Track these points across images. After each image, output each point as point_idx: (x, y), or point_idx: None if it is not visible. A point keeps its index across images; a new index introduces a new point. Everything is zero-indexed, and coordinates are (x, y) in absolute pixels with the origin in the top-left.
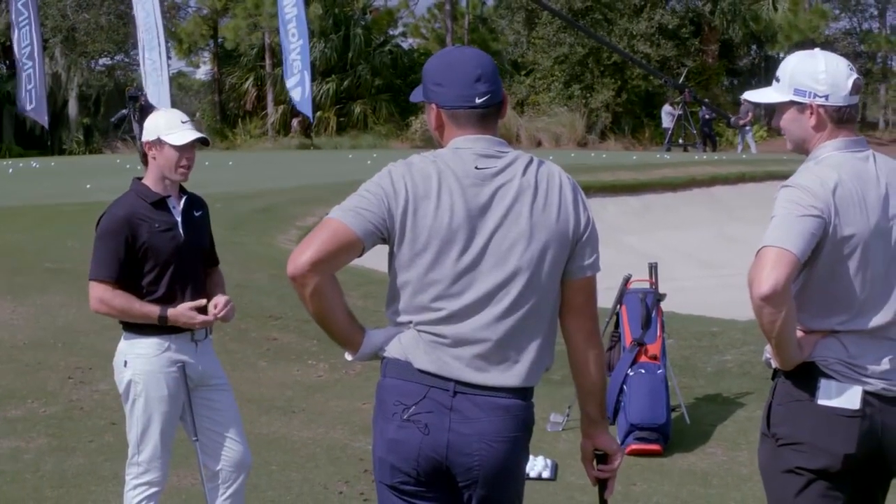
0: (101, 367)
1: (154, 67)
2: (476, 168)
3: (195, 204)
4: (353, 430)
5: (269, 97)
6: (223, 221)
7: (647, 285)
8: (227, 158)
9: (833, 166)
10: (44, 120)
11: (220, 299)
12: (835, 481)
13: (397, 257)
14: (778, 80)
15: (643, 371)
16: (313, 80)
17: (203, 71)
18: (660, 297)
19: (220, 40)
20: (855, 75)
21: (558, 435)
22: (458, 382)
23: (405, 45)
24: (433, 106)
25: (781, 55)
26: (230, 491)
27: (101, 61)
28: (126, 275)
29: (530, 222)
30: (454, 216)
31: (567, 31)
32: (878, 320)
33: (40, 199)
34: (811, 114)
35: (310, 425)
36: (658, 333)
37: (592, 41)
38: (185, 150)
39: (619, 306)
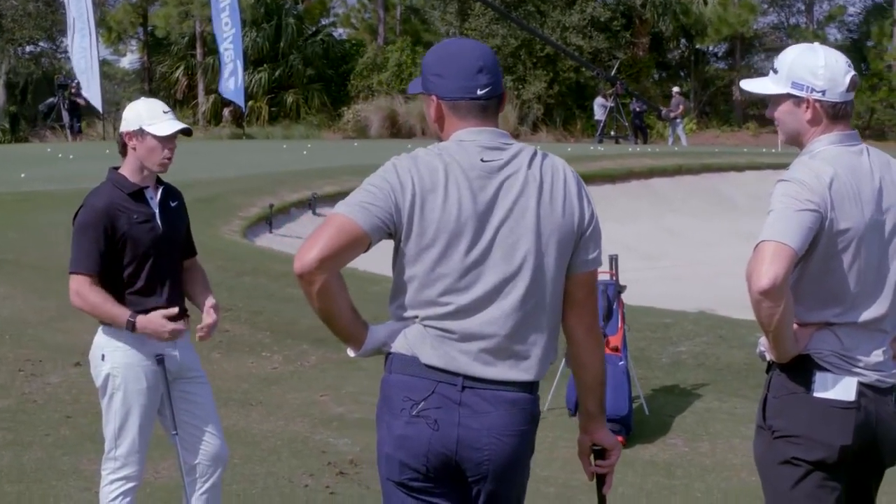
0: (51, 360)
1: (84, 55)
2: (482, 161)
3: (171, 194)
4: (314, 423)
5: (201, 86)
6: None
7: (607, 277)
8: None
9: (828, 160)
10: None
11: (206, 321)
12: (831, 472)
13: (404, 252)
14: (776, 72)
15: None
16: (245, 69)
17: (129, 59)
18: (620, 289)
19: (150, 28)
20: (853, 72)
21: None
22: (466, 377)
23: (337, 35)
24: (433, 98)
25: (710, 48)
26: (207, 485)
27: (28, 48)
28: (105, 268)
29: (537, 216)
30: (462, 210)
31: (500, 22)
32: (871, 313)
33: None
34: (807, 108)
35: (269, 418)
36: (619, 325)
37: (525, 33)
38: (168, 140)
39: None
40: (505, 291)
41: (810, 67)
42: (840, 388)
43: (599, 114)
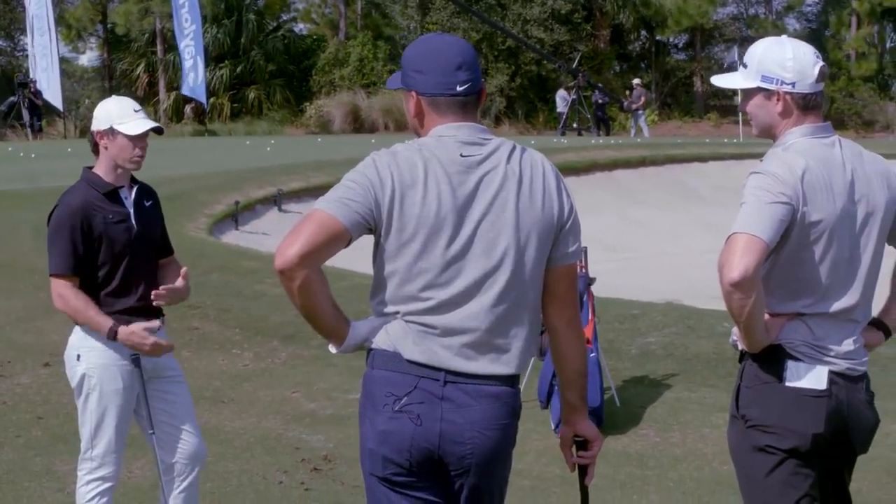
0: (20, 360)
1: (44, 53)
2: (461, 156)
3: (146, 194)
4: (286, 419)
5: (162, 83)
6: None
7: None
8: None
9: (800, 152)
10: None
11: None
12: (804, 460)
13: (384, 248)
14: (745, 66)
15: None
16: (206, 65)
17: (89, 57)
18: (590, 281)
19: (109, 25)
20: (821, 63)
21: None
22: (448, 372)
23: (298, 31)
24: (413, 93)
25: (671, 40)
26: (185, 483)
27: None
28: (84, 267)
29: (516, 210)
30: (441, 205)
31: (461, 16)
32: (842, 303)
33: None
34: (778, 100)
35: (241, 415)
36: (590, 317)
37: (486, 26)
38: (139, 139)
39: None
40: (486, 286)
41: (779, 60)
42: (811, 377)
43: (561, 106)
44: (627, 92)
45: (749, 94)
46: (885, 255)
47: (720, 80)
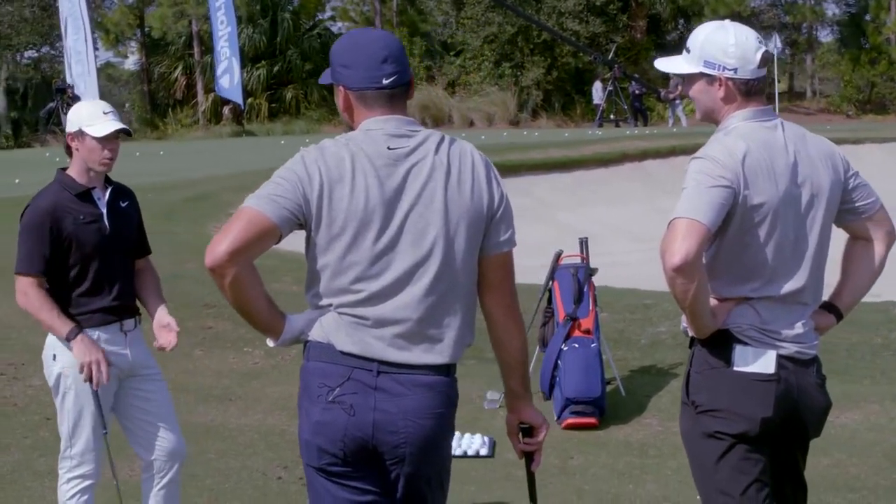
0: (34, 363)
1: (80, 59)
2: (388, 148)
3: (121, 194)
4: (291, 415)
5: (199, 85)
6: (155, 211)
7: (578, 260)
8: (158, 148)
9: (742, 136)
10: None
11: (172, 334)
12: (754, 444)
13: (315, 242)
14: (688, 51)
15: (577, 345)
16: (243, 66)
17: (132, 61)
18: (591, 272)
19: (146, 29)
20: (763, 48)
21: (496, 412)
22: (381, 362)
23: (335, 29)
24: (341, 88)
25: None
26: (164, 480)
27: (27, 54)
28: (51, 268)
29: (445, 200)
30: (369, 198)
31: (495, 10)
32: (789, 286)
33: None
34: (720, 86)
35: (247, 412)
36: (591, 308)
37: (521, 20)
38: (108, 141)
39: (551, 282)
40: (416, 276)
41: (721, 46)
42: (759, 362)
43: (598, 98)
44: (665, 82)
45: (692, 78)
46: (836, 238)
47: (663, 64)
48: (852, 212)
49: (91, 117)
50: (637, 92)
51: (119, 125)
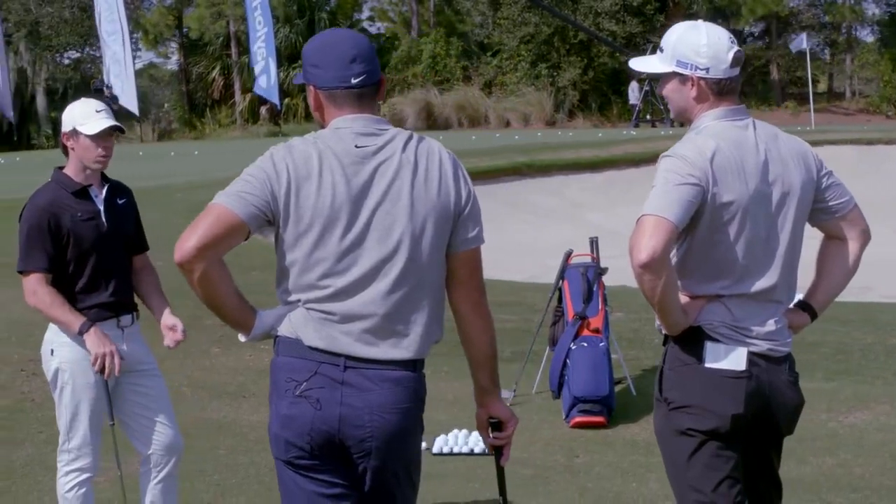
0: None
1: (117, 59)
2: (356, 147)
3: (118, 192)
4: None
5: (237, 85)
6: (182, 210)
7: (588, 260)
8: (193, 148)
9: (712, 135)
10: (9, 115)
11: (178, 333)
12: (726, 442)
13: (283, 238)
14: (662, 51)
15: (585, 344)
16: (280, 66)
17: (174, 61)
18: (601, 271)
19: (185, 30)
20: (736, 48)
21: None
22: (348, 357)
23: (373, 30)
24: (312, 87)
25: (746, 29)
26: (162, 474)
27: (67, 55)
28: (52, 264)
29: (411, 198)
30: (336, 195)
31: (532, 10)
32: (761, 284)
33: None
34: (692, 85)
35: (259, 409)
36: (600, 307)
37: (558, 20)
38: (101, 139)
39: (561, 281)
40: (382, 272)
41: (693, 46)
42: (731, 359)
43: (634, 98)
44: None
45: (665, 78)
46: (812, 236)
47: (637, 64)
48: (825, 211)
49: (84, 116)
50: None
51: (111, 122)
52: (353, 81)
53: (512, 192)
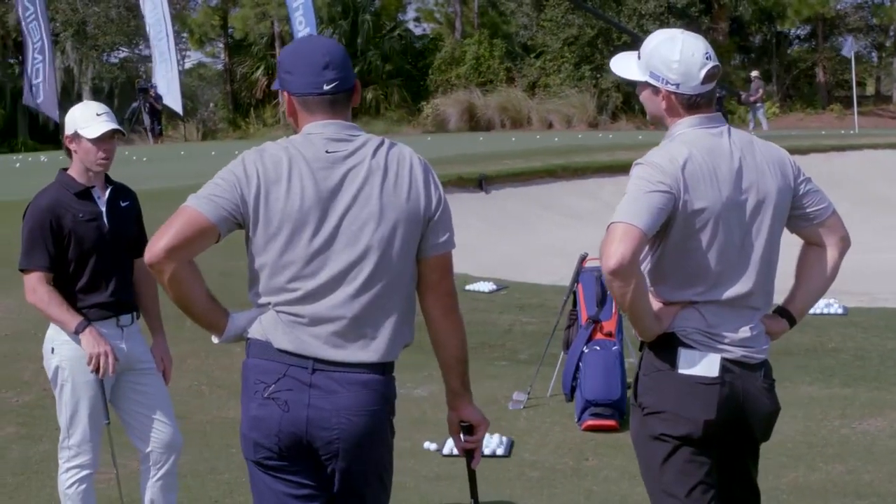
0: None
1: (163, 59)
2: (326, 152)
3: (121, 194)
4: None
5: None
6: None
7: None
8: (234, 148)
9: (686, 143)
10: (55, 114)
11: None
12: (699, 447)
13: (253, 241)
14: (639, 58)
15: (598, 348)
16: None
17: (221, 60)
18: None
19: (230, 30)
20: (710, 64)
21: (519, 413)
22: (316, 360)
23: (418, 31)
24: (286, 93)
25: (792, 31)
26: (161, 472)
27: (114, 54)
28: (53, 263)
29: (380, 202)
30: (305, 199)
31: (576, 12)
32: (735, 290)
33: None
34: (663, 98)
35: None
36: (613, 311)
37: (602, 22)
38: (102, 141)
39: (575, 284)
40: (351, 276)
41: (665, 60)
42: (704, 365)
43: None
44: (746, 84)
45: (640, 85)
46: (792, 244)
47: (616, 66)
48: (803, 217)
49: (85, 119)
50: (718, 95)
51: (112, 126)
52: (326, 88)
53: (545, 194)
